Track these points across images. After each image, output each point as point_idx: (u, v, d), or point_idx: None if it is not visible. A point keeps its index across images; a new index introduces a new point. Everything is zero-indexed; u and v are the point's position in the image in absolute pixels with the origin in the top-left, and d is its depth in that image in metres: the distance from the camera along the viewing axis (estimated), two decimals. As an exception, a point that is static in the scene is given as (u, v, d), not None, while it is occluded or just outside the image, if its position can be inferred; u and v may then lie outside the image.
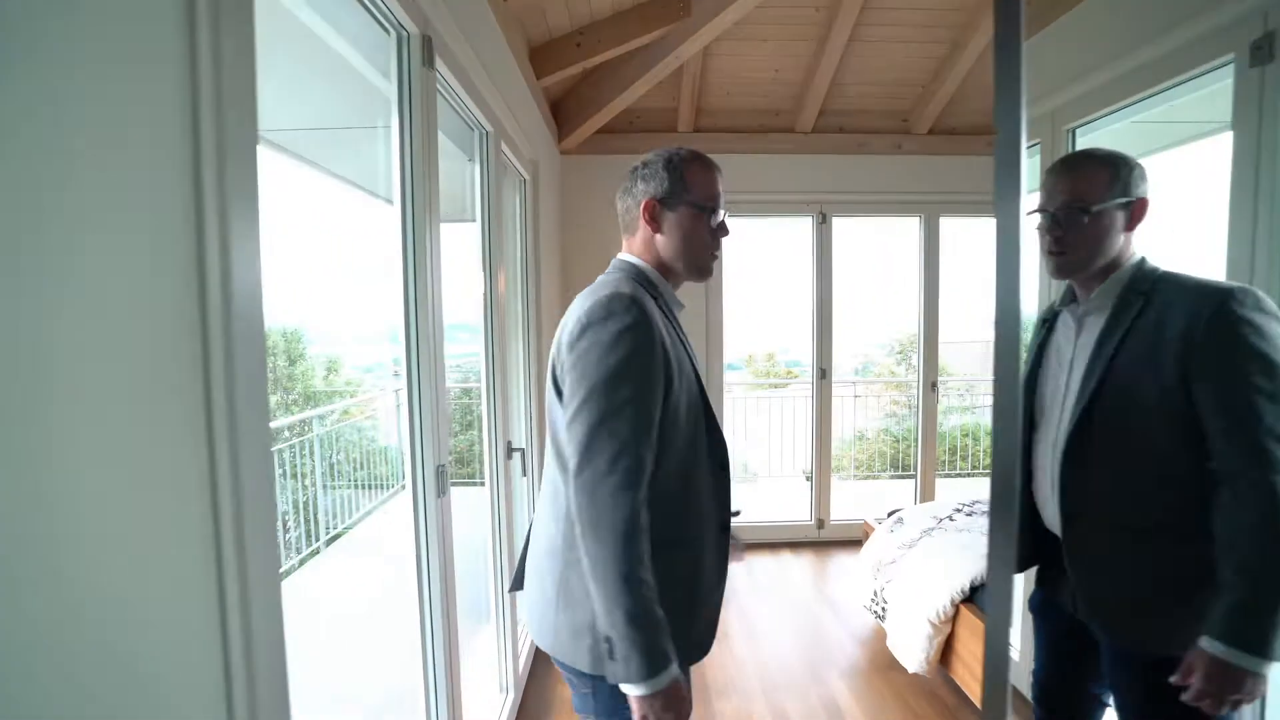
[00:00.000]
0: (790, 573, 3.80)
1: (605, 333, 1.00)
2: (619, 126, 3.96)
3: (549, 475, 1.13)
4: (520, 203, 2.91)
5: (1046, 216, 1.25)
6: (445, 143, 2.32)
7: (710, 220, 1.14)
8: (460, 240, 2.41)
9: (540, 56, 3.07)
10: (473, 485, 4.18)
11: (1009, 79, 0.74)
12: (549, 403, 1.12)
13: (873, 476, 7.45)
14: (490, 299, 2.14)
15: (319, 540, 4.33)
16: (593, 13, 3.00)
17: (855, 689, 2.57)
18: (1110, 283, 1.23)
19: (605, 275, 1.17)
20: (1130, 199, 1.20)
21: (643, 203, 1.14)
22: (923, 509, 2.97)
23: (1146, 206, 1.21)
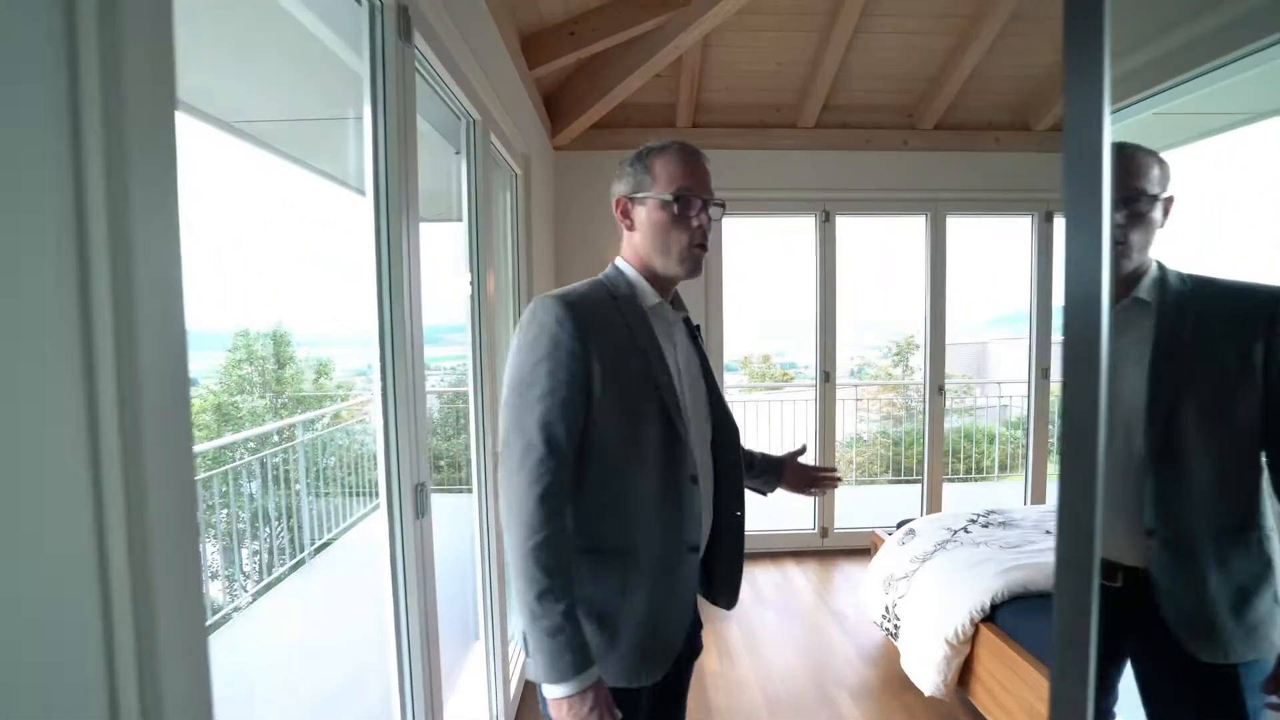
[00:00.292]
0: (794, 583, 3.66)
1: (525, 336, 1.02)
2: (615, 122, 3.82)
3: None
4: (511, 199, 2.76)
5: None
6: (429, 133, 2.18)
7: (680, 210, 1.07)
8: (450, 239, 2.27)
9: (532, 46, 2.93)
10: (466, 492, 4.03)
11: (1085, 30, 0.60)
12: None
13: (871, 480, 7.32)
14: (478, 300, 2.00)
15: (303, 551, 4.18)
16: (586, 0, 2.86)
17: (867, 712, 2.43)
18: (1150, 283, 1.19)
19: None
20: (1169, 195, 1.16)
21: (614, 201, 1.13)
22: (935, 520, 2.84)
23: (1173, 204, 1.18)
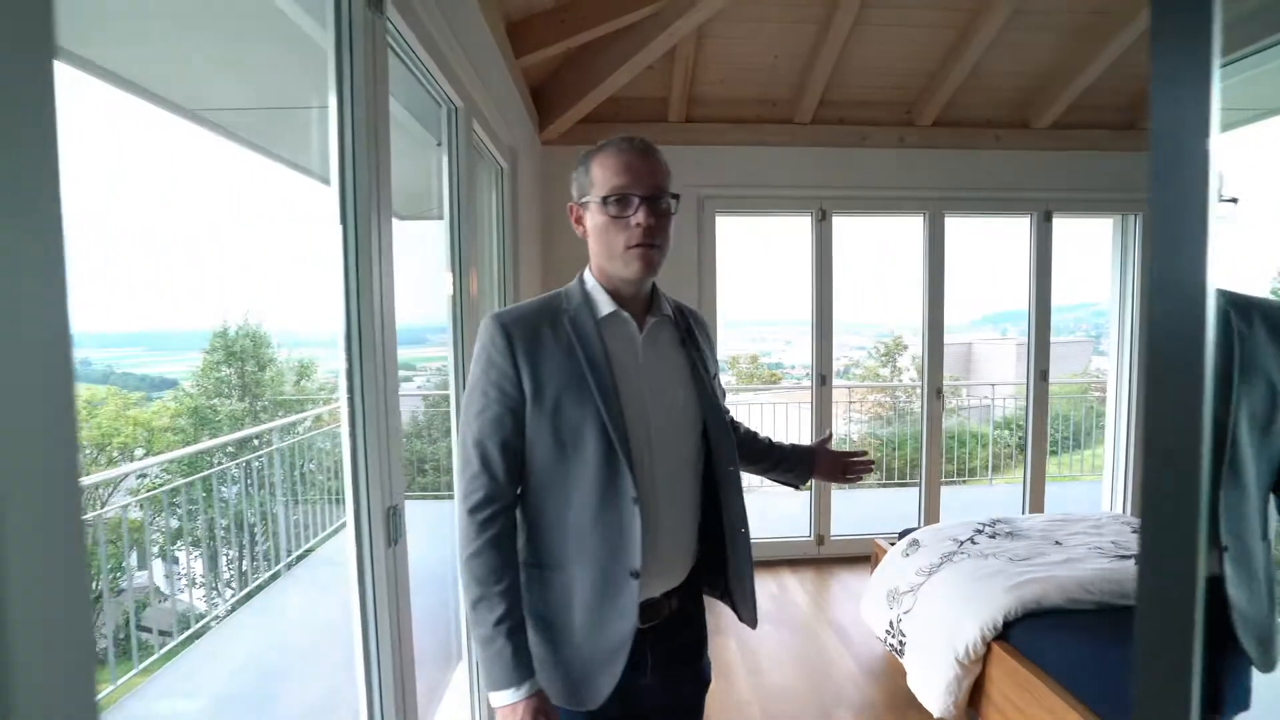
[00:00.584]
0: (791, 594, 3.54)
1: (474, 354, 1.06)
2: (606, 116, 3.68)
3: None
4: (497, 194, 2.62)
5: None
6: (408, 122, 2.03)
7: (617, 209, 1.03)
8: (434, 237, 2.13)
9: (519, 34, 2.78)
10: (450, 498, 3.87)
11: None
12: None
13: (861, 484, 7.19)
14: (460, 300, 1.86)
15: (279, 563, 3.99)
16: (577, -15, 2.73)
17: (872, 734, 2.32)
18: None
19: None
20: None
21: (569, 209, 1.11)
22: (939, 530, 2.73)
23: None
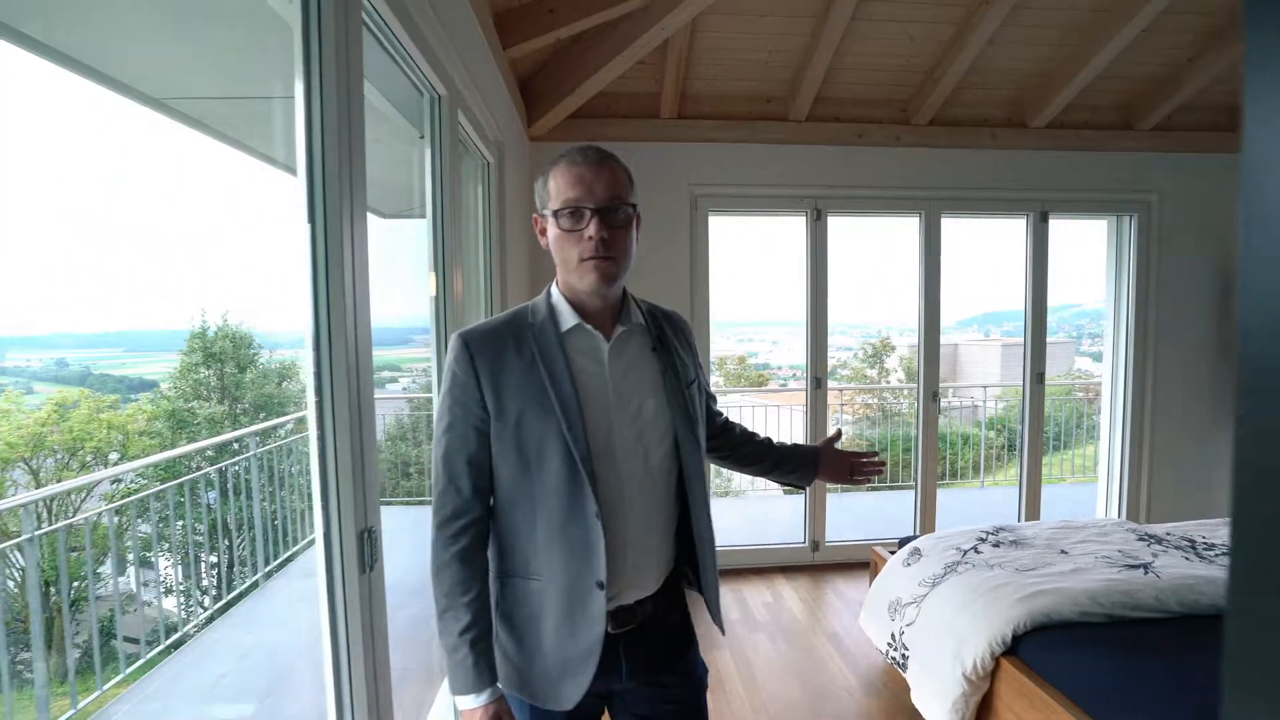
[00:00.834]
0: (786, 603, 3.45)
1: (445, 369, 1.09)
2: (596, 111, 3.58)
3: None
4: (484, 189, 2.51)
5: None
6: (390, 112, 1.92)
7: (570, 222, 1.03)
8: (420, 235, 2.01)
9: (507, 24, 2.67)
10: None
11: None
12: None
13: (848, 489, 7.08)
14: (444, 299, 1.75)
15: (257, 572, 3.84)
16: (568, -27, 2.62)
17: (874, 752, 2.23)
18: None
19: None
20: None
21: (534, 221, 1.12)
22: (942, 539, 2.65)
23: None
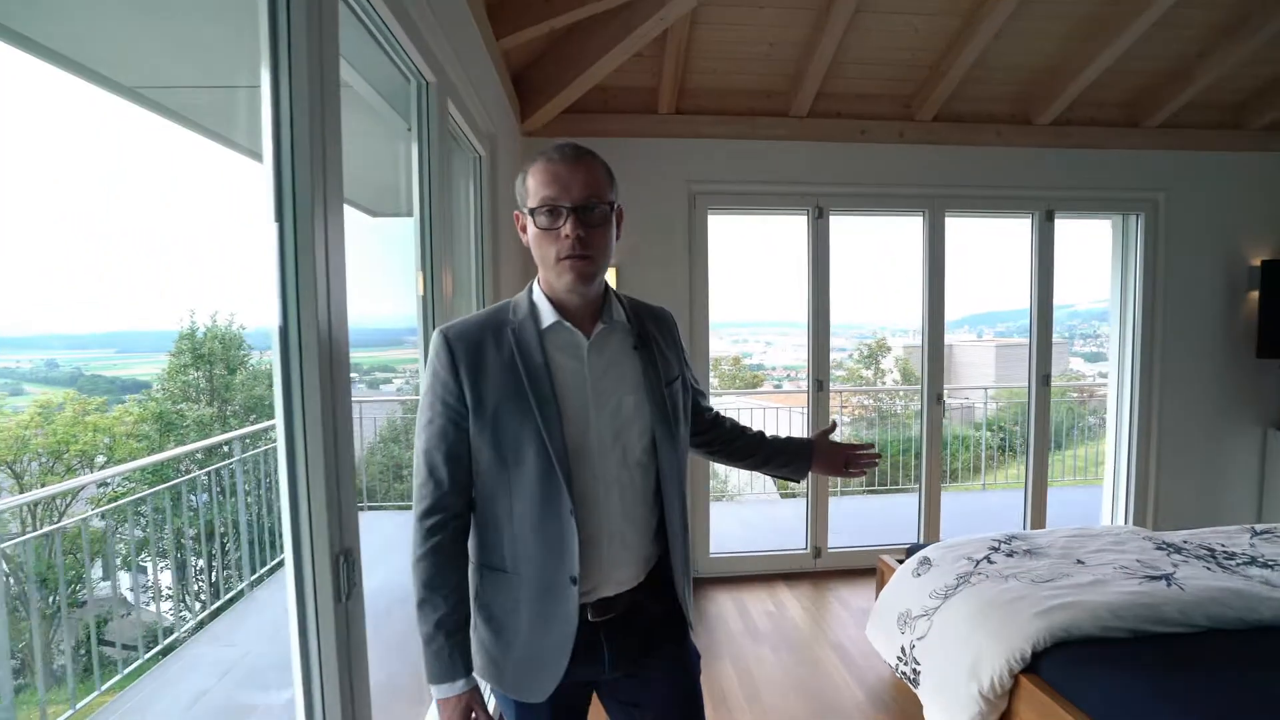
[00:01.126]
0: (788, 612, 3.35)
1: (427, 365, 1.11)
2: (591, 106, 3.48)
3: None
4: (475, 185, 2.40)
5: None
6: (380, 105, 1.81)
7: (547, 221, 1.03)
8: (409, 235, 1.90)
9: (500, 13, 2.57)
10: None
11: None
12: None
13: (848, 493, 6.86)
14: (432, 300, 1.64)
15: (243, 581, 3.72)
16: (563, -40, 2.52)
17: (885, 772, 2.13)
18: None
19: None
20: None
21: (515, 217, 1.12)
22: (952, 548, 2.55)
23: None
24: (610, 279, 1.37)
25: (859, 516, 5.34)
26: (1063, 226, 3.87)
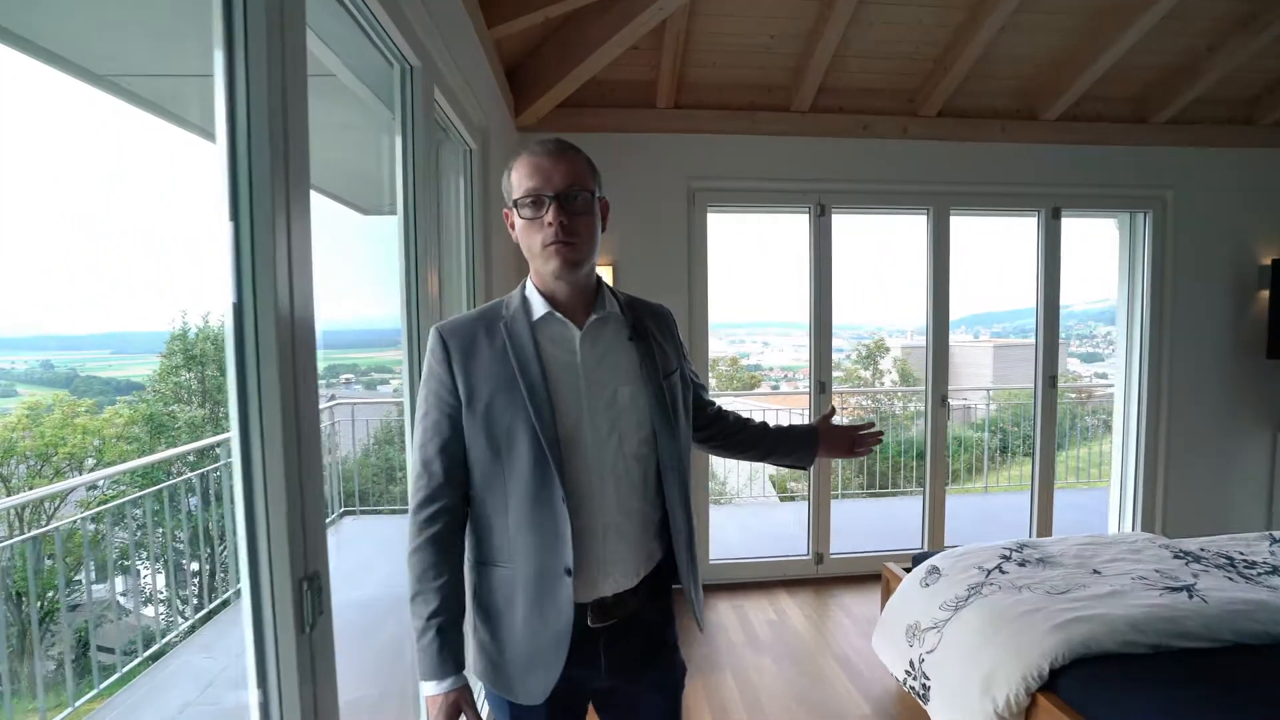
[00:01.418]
0: (790, 621, 3.26)
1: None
2: (588, 100, 3.38)
3: None
4: (465, 179, 2.30)
5: None
6: (367, 96, 1.71)
7: (531, 211, 1.05)
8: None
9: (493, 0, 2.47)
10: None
11: None
12: None
13: (848, 495, 6.70)
14: (415, 298, 1.55)
15: (229, 589, 3.61)
16: (557, -55, 2.43)
17: (894, 793, 2.04)
18: None
19: None
20: None
21: (504, 214, 1.13)
22: (961, 557, 2.46)
23: None
24: (607, 277, 1.31)
25: (860, 520, 5.25)
26: (1060, 226, 3.78)
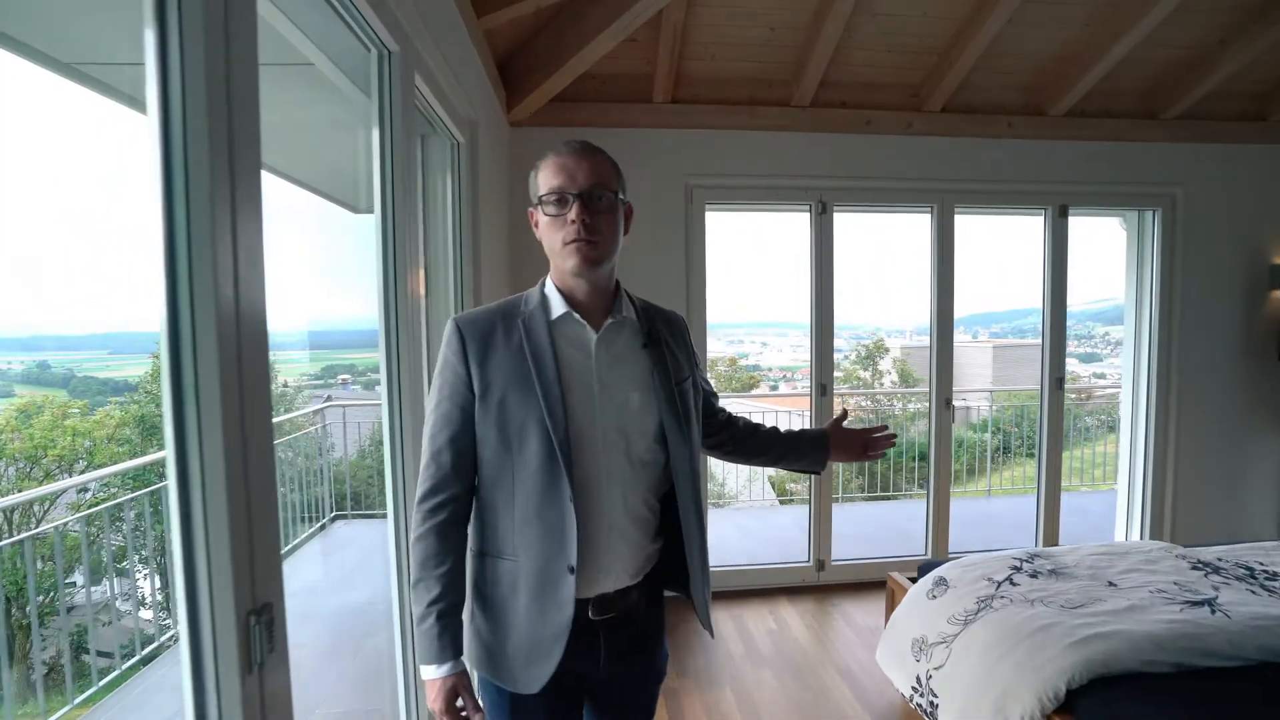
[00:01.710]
0: (791, 630, 3.16)
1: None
2: (582, 94, 3.28)
3: None
4: (453, 174, 2.21)
5: None
6: (347, 88, 1.62)
7: (554, 209, 1.07)
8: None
9: (481, -12, 2.38)
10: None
11: None
12: None
13: (848, 498, 6.53)
14: (394, 299, 1.45)
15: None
16: (549, -70, 2.33)
17: (901, 818, 1.94)
18: None
19: None
20: None
21: (529, 213, 1.14)
22: (970, 567, 2.37)
23: None
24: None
25: (861, 524, 5.15)
26: (1068, 224, 3.69)
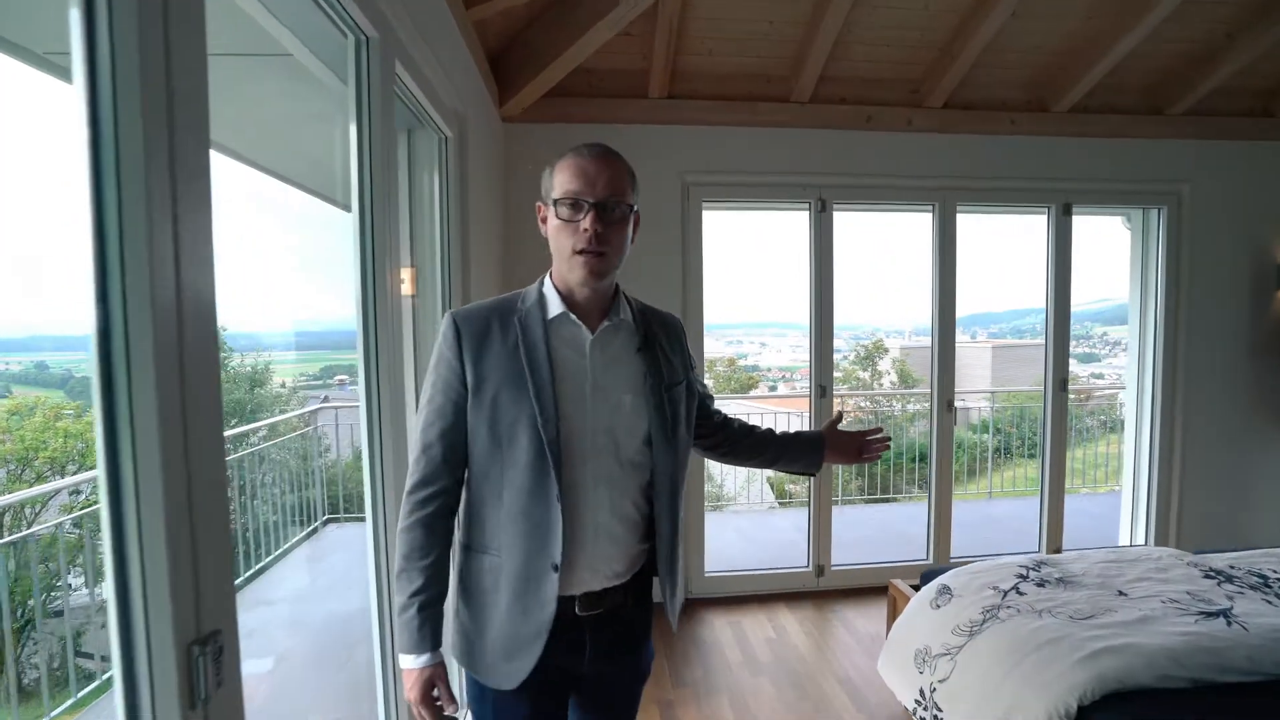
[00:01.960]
0: (790, 638, 3.09)
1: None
2: (578, 89, 3.21)
3: None
4: (440, 169, 2.13)
5: None
6: (333, 83, 1.54)
7: (567, 213, 1.07)
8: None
9: (470, -23, 2.30)
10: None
11: None
12: None
13: (848, 501, 6.45)
14: (371, 298, 1.37)
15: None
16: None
17: (905, 838, 1.87)
18: None
19: None
20: None
21: (537, 208, 1.16)
22: (975, 575, 2.29)
23: None
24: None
25: (861, 527, 5.08)
26: (1071, 223, 3.62)
